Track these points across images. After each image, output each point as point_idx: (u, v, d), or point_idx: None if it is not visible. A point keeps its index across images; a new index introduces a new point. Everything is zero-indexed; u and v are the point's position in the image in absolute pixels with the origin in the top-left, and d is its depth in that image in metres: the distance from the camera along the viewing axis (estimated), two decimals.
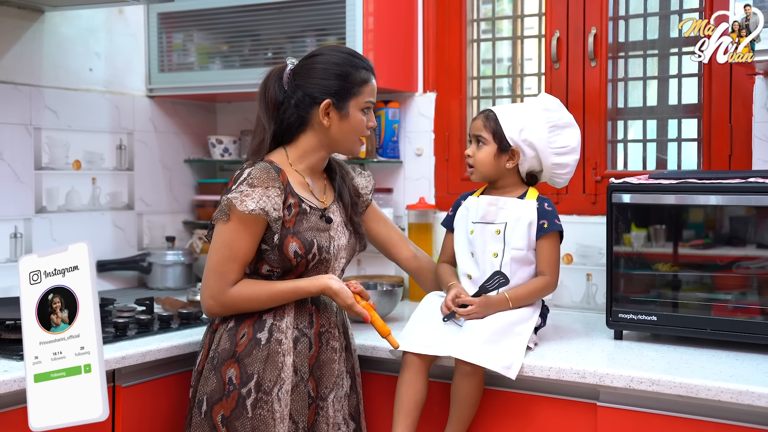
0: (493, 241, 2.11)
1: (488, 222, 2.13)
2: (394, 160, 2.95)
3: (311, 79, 2.04)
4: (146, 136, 3.14)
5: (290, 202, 2.00)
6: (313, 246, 2.00)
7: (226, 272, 1.97)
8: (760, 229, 2.05)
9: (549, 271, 2.11)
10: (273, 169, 1.99)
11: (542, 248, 2.11)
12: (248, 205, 1.92)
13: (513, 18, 2.98)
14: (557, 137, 2.13)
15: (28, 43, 2.75)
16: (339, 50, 2.09)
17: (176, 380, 2.19)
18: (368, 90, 2.07)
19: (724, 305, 2.07)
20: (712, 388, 1.76)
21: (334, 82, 2.03)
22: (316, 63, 2.06)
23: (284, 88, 2.06)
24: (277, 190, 1.97)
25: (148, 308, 2.48)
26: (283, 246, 1.97)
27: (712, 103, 2.51)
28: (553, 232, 2.11)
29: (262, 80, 2.10)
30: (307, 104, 2.04)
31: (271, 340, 1.97)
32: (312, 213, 2.03)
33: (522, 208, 2.12)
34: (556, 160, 2.14)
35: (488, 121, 2.15)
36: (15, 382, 1.80)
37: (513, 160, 2.14)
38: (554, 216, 2.12)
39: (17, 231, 2.72)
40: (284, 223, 1.98)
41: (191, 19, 3.01)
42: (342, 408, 2.07)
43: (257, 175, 1.96)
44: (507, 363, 1.94)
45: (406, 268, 2.33)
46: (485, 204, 2.15)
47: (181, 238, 3.27)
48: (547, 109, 2.15)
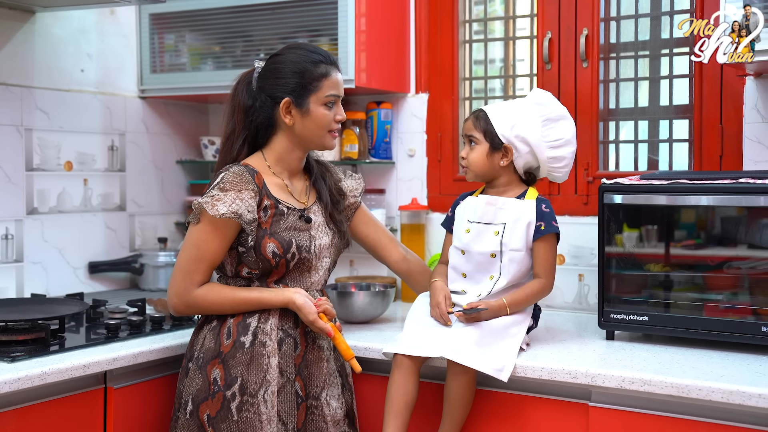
0: (491, 242, 2.11)
1: (486, 222, 2.12)
2: (386, 161, 2.95)
3: (271, 80, 2.07)
4: (138, 137, 3.14)
5: (266, 204, 2.01)
6: (292, 245, 2.01)
7: (192, 272, 1.98)
8: (751, 230, 2.05)
9: (545, 273, 2.11)
10: (247, 171, 2.01)
11: (538, 250, 2.11)
12: (219, 209, 1.94)
13: (505, 19, 2.98)
14: (551, 130, 2.12)
15: (19, 44, 2.74)
16: (298, 48, 2.11)
17: (168, 382, 2.19)
18: (328, 84, 2.07)
19: (715, 305, 2.07)
20: (703, 388, 1.77)
21: (291, 80, 2.05)
22: (276, 63, 2.09)
23: (252, 92, 2.09)
24: (251, 192, 1.98)
25: (140, 309, 2.48)
26: (261, 247, 1.98)
27: (703, 104, 2.51)
28: (550, 234, 2.11)
29: (233, 85, 2.13)
30: (269, 105, 2.07)
31: (255, 342, 1.97)
32: (290, 213, 2.04)
33: (521, 208, 2.11)
34: (551, 153, 2.13)
35: (479, 121, 2.14)
36: (6, 384, 1.79)
37: (507, 157, 2.13)
38: (552, 218, 2.11)
39: (8, 232, 2.71)
40: (260, 225, 1.99)
41: (183, 20, 3.00)
42: (341, 405, 2.07)
43: (230, 179, 1.98)
44: (499, 365, 1.94)
45: (396, 270, 2.34)
46: (483, 204, 2.14)
47: (174, 239, 3.26)
48: (539, 103, 2.14)
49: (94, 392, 2.03)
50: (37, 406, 1.90)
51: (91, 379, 2.02)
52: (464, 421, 2.03)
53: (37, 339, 2.06)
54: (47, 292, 2.79)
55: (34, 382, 1.85)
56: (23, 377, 1.82)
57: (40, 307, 2.33)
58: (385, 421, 1.99)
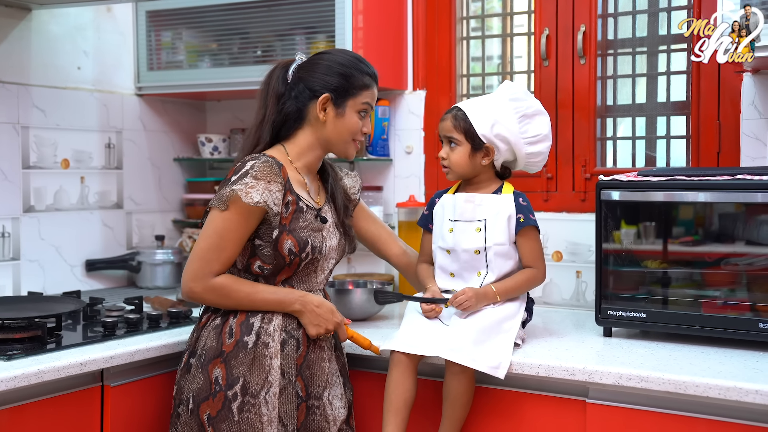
0: (474, 239, 2.10)
1: (467, 220, 2.12)
2: (383, 158, 2.94)
3: (314, 73, 2.06)
4: (135, 134, 3.13)
5: (288, 199, 1.99)
6: (308, 245, 2.00)
7: (211, 260, 1.96)
8: (748, 226, 2.05)
9: (535, 263, 2.11)
10: (275, 164, 1.98)
11: (523, 243, 2.10)
12: (253, 197, 1.92)
13: (502, 16, 2.98)
14: (528, 126, 2.11)
15: (15, 42, 2.73)
16: (348, 53, 2.12)
17: (165, 380, 2.18)
18: (368, 94, 2.08)
19: (713, 302, 2.07)
20: (700, 384, 1.77)
21: (335, 79, 2.05)
22: (321, 59, 2.08)
23: (287, 81, 2.08)
24: (279, 185, 1.96)
25: (137, 307, 2.47)
26: (279, 243, 1.97)
27: (700, 101, 2.51)
28: (531, 226, 2.10)
29: (268, 72, 2.12)
30: (306, 97, 2.06)
31: (258, 343, 1.96)
32: (308, 212, 2.03)
33: (499, 203, 2.11)
34: (529, 149, 2.12)
35: (458, 121, 2.12)
36: (2, 382, 1.79)
37: (488, 156, 2.12)
38: (530, 210, 2.11)
39: (5, 230, 2.70)
40: (281, 220, 1.98)
41: (180, 17, 2.99)
42: (345, 405, 2.07)
43: (261, 168, 1.96)
44: (495, 363, 1.94)
45: (396, 264, 2.34)
46: (462, 202, 2.14)
47: (171, 237, 3.26)
48: (514, 98, 2.12)
49: (91, 390, 2.03)
50: (34, 404, 1.90)
51: (88, 377, 2.02)
52: (464, 419, 2.02)
53: (34, 337, 2.06)
54: (44, 290, 2.78)
55: (31, 381, 1.84)
56: (20, 375, 1.82)
57: (37, 305, 2.32)
58: (384, 420, 1.99)
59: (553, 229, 2.66)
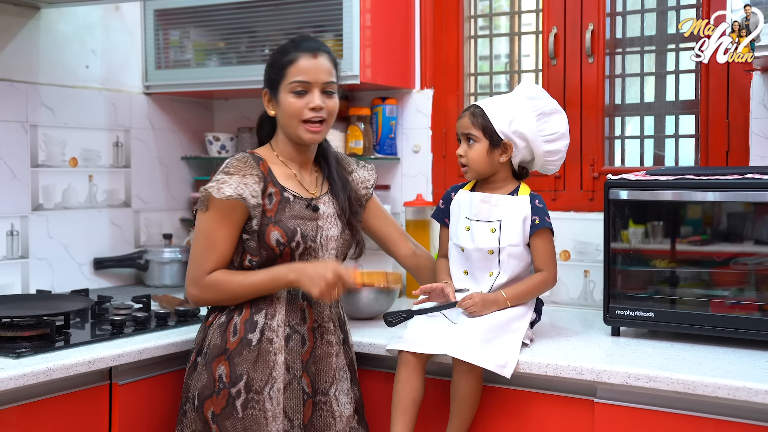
0: (488, 239, 2.10)
1: (482, 220, 2.12)
2: (391, 156, 2.94)
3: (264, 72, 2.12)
4: (143, 133, 3.14)
5: (271, 191, 2.01)
6: (296, 234, 2.00)
7: (204, 262, 1.99)
8: (757, 225, 2.05)
9: (547, 266, 2.11)
10: (252, 158, 2.03)
11: (537, 245, 2.11)
12: (225, 191, 1.95)
13: (510, 14, 2.97)
14: (546, 125, 2.12)
15: (24, 41, 2.74)
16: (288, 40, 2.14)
17: (173, 378, 2.19)
18: (294, 70, 2.04)
19: (721, 301, 2.06)
20: (709, 384, 1.76)
21: (267, 72, 2.10)
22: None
23: None
24: (255, 177, 1.99)
25: (145, 306, 2.48)
26: (264, 235, 1.98)
27: (709, 100, 2.50)
28: (545, 228, 2.10)
29: None
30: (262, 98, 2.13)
31: (262, 339, 1.97)
32: (296, 202, 2.04)
33: (515, 204, 2.11)
34: (547, 147, 2.13)
35: (476, 118, 2.13)
36: (11, 380, 1.79)
37: (506, 153, 2.13)
38: (545, 213, 2.11)
39: (13, 229, 2.71)
40: (265, 212, 1.99)
41: (188, 16, 3.00)
42: (351, 401, 2.07)
43: (234, 164, 2.01)
44: (502, 362, 1.94)
45: (404, 265, 2.33)
46: (478, 201, 2.14)
47: (179, 236, 3.26)
48: (531, 97, 2.13)
49: (99, 388, 2.03)
50: (43, 402, 1.90)
51: (96, 375, 2.03)
52: (472, 418, 2.02)
53: (43, 335, 2.07)
54: (52, 288, 2.79)
55: (39, 378, 1.85)
56: (28, 373, 1.83)
57: (45, 303, 2.33)
58: (392, 419, 1.99)
59: (561, 229, 2.65)
